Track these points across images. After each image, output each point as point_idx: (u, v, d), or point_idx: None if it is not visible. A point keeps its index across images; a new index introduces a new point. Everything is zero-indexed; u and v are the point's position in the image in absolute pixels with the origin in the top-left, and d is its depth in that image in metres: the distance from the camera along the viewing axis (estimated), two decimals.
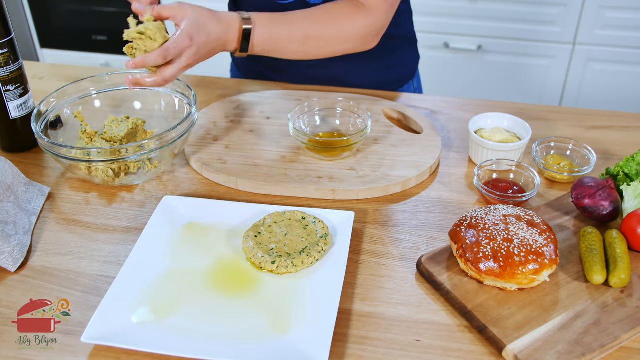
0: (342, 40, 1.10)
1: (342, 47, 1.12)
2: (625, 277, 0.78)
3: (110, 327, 0.73)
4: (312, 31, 1.07)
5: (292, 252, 0.83)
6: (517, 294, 0.78)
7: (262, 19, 1.05)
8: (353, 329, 0.76)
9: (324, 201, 0.98)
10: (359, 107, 1.09)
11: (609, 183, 0.89)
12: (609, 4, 2.26)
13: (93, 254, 0.88)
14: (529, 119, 1.15)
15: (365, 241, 0.90)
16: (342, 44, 1.11)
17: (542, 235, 0.79)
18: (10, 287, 0.82)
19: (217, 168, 1.02)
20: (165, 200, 0.93)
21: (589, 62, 2.39)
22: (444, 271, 0.81)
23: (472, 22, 2.39)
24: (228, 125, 1.14)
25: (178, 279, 0.81)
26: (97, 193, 1.00)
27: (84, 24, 2.82)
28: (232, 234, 0.89)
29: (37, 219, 0.94)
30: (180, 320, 0.75)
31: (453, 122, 1.19)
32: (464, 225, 0.82)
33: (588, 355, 0.70)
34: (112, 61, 2.86)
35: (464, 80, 2.54)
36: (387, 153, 1.06)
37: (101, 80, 1.12)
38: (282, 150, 1.07)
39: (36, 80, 1.34)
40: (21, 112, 1.06)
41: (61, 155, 0.95)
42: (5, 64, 1.01)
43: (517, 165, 0.99)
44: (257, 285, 0.80)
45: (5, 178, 0.92)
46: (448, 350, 0.73)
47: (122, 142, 1.05)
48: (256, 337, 0.73)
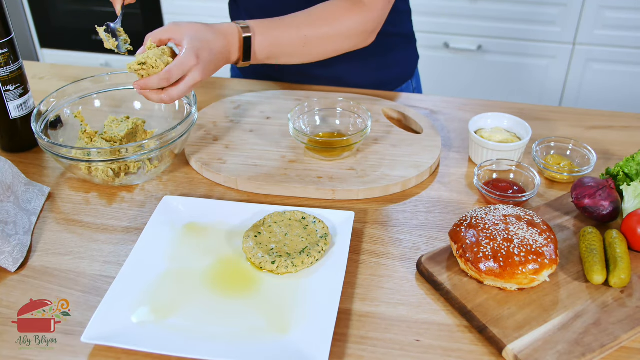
0: (342, 38, 1.10)
1: (342, 45, 1.12)
2: (625, 277, 0.78)
3: (110, 327, 0.73)
4: (312, 32, 1.07)
5: (292, 252, 0.83)
6: (517, 294, 0.78)
7: (260, 26, 1.04)
8: (353, 329, 0.76)
9: (324, 201, 0.98)
10: (359, 107, 1.09)
11: (609, 183, 0.89)
12: (609, 4, 2.26)
13: (93, 254, 0.88)
14: (529, 119, 1.15)
15: (365, 241, 0.90)
16: (342, 42, 1.11)
17: (542, 235, 0.79)
18: (10, 287, 0.82)
19: (217, 168, 1.02)
20: (165, 200, 0.93)
21: (589, 62, 2.39)
22: (444, 271, 0.81)
23: (472, 22, 2.40)
24: (228, 125, 1.14)
25: (178, 278, 0.81)
26: (97, 193, 1.00)
27: (84, 24, 2.82)
28: (232, 234, 0.89)
29: (37, 219, 0.94)
30: (180, 320, 0.75)
31: (453, 122, 1.19)
32: (464, 225, 0.82)
33: (588, 355, 0.70)
34: (112, 61, 2.86)
35: (464, 80, 2.54)
36: (387, 153, 1.06)
37: (101, 80, 1.12)
38: (282, 150, 1.07)
39: (36, 80, 1.34)
40: (21, 112, 1.06)
41: (61, 155, 0.95)
42: (5, 64, 1.01)
43: (517, 165, 0.99)
44: (257, 285, 0.80)
45: (5, 178, 0.92)
46: (448, 350, 0.73)
47: (122, 142, 1.05)
48: (256, 337, 0.73)
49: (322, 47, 1.10)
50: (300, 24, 1.07)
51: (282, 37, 1.06)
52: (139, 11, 2.72)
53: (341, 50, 1.13)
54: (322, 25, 1.08)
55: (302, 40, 1.07)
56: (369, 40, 1.13)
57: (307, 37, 1.07)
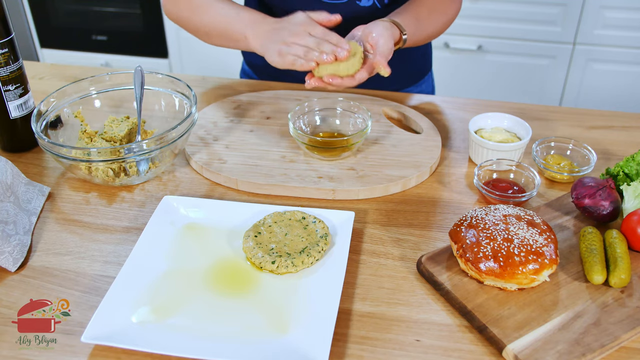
0: (447, 24, 1.21)
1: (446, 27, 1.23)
2: (625, 277, 0.78)
3: (110, 327, 0.73)
4: (434, 30, 1.18)
5: (292, 252, 0.83)
6: (517, 294, 0.78)
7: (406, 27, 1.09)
8: (353, 329, 0.76)
9: (324, 201, 0.98)
10: (359, 107, 1.09)
11: (609, 183, 0.89)
12: (609, 4, 2.26)
13: (93, 254, 0.88)
14: (529, 119, 1.15)
15: (365, 241, 0.90)
16: (447, 26, 1.22)
17: (542, 235, 0.79)
18: (10, 287, 0.82)
19: (217, 168, 1.02)
20: (165, 200, 0.93)
21: (589, 62, 2.39)
22: (444, 271, 0.81)
23: (472, 22, 2.40)
24: (228, 125, 1.14)
25: (178, 278, 0.81)
26: (97, 193, 1.00)
27: (84, 24, 2.82)
28: (232, 234, 0.89)
29: (37, 219, 0.94)
30: (181, 320, 0.75)
31: (453, 122, 1.19)
32: (464, 225, 0.82)
33: (588, 355, 0.70)
34: (112, 61, 2.86)
35: (464, 80, 2.54)
36: (387, 153, 1.06)
37: (101, 80, 1.12)
38: (282, 150, 1.07)
39: (36, 80, 1.34)
40: (21, 112, 1.06)
41: (61, 155, 0.95)
42: (5, 64, 1.01)
43: (517, 165, 0.99)
44: (257, 285, 0.80)
45: (5, 178, 0.92)
46: (448, 350, 0.73)
47: (122, 142, 1.05)
48: (256, 337, 0.73)
49: (434, 36, 1.21)
50: (425, 22, 1.15)
51: (415, 35, 1.12)
52: (139, 11, 2.72)
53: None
54: (438, 18, 1.18)
55: (425, 38, 1.18)
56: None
57: (429, 34, 1.17)
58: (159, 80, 1.12)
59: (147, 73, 1.11)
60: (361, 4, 1.19)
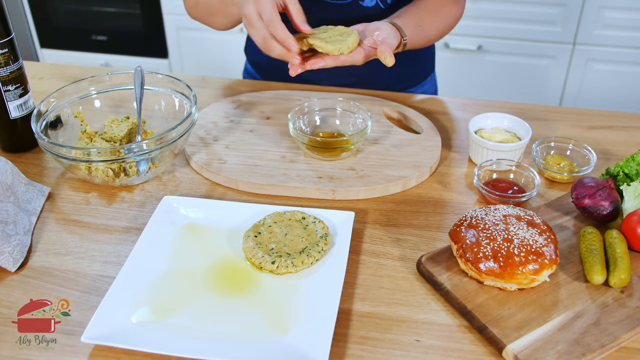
0: (450, 29, 1.22)
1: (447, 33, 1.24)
2: (625, 277, 0.78)
3: (110, 327, 0.73)
4: (435, 35, 1.19)
5: (292, 252, 0.83)
6: (517, 294, 0.78)
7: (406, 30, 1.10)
8: (353, 329, 0.76)
9: (324, 201, 0.98)
10: (359, 107, 1.09)
11: (609, 183, 0.89)
12: (609, 4, 2.26)
13: (93, 254, 0.88)
14: (529, 119, 1.15)
15: (365, 241, 0.90)
16: (448, 30, 1.23)
17: (542, 235, 0.79)
18: (10, 287, 0.82)
19: (217, 168, 1.02)
20: (165, 200, 0.93)
21: (589, 62, 2.39)
22: (444, 271, 0.81)
23: (472, 22, 2.40)
24: (228, 125, 1.14)
25: (178, 278, 0.81)
26: (97, 193, 1.00)
27: (84, 24, 2.82)
28: (232, 234, 0.88)
29: (37, 219, 0.94)
30: (180, 320, 0.75)
31: (453, 122, 1.19)
32: (464, 225, 0.82)
33: (588, 355, 0.70)
34: (112, 61, 2.86)
35: (464, 80, 2.54)
36: (387, 153, 1.06)
37: (101, 80, 1.12)
38: (282, 150, 1.07)
39: (36, 80, 1.34)
40: (21, 112, 1.06)
41: (61, 155, 0.95)
42: (5, 64, 1.01)
43: (517, 165, 0.99)
44: (257, 285, 0.80)
45: (5, 178, 0.92)
46: (448, 350, 0.73)
47: (122, 142, 1.05)
48: (256, 337, 0.73)
49: (437, 39, 1.22)
50: (428, 27, 1.16)
51: (416, 39, 1.13)
52: (139, 11, 2.72)
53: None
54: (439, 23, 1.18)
55: (427, 41, 1.18)
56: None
57: (430, 37, 1.18)
58: (159, 80, 1.12)
59: (147, 73, 1.11)
60: (364, 5, 1.19)
